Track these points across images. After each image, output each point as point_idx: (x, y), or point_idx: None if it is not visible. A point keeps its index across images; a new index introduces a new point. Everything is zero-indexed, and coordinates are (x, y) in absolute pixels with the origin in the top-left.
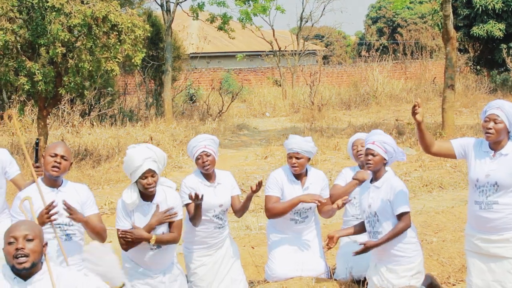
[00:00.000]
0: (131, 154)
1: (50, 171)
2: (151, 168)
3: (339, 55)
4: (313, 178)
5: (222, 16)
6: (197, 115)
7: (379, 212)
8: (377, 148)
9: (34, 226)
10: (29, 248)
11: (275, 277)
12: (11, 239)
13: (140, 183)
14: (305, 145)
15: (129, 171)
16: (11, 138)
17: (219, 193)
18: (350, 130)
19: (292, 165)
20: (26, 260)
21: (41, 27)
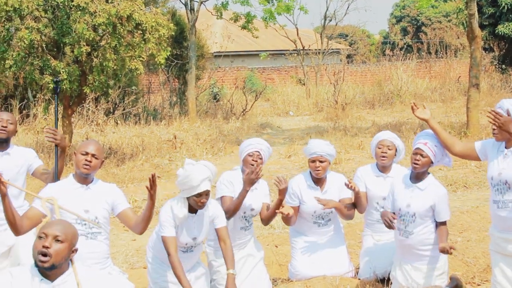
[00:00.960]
0: (190, 172)
1: (81, 169)
2: (207, 189)
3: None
4: (332, 182)
5: (245, 15)
6: (220, 114)
7: (418, 214)
8: (428, 150)
9: (68, 229)
10: (55, 249)
11: (298, 276)
12: (42, 235)
13: (194, 200)
14: (327, 148)
15: (184, 187)
16: (36, 136)
17: (254, 197)
18: (374, 129)
19: (316, 169)
20: (47, 260)
21: (66, 26)
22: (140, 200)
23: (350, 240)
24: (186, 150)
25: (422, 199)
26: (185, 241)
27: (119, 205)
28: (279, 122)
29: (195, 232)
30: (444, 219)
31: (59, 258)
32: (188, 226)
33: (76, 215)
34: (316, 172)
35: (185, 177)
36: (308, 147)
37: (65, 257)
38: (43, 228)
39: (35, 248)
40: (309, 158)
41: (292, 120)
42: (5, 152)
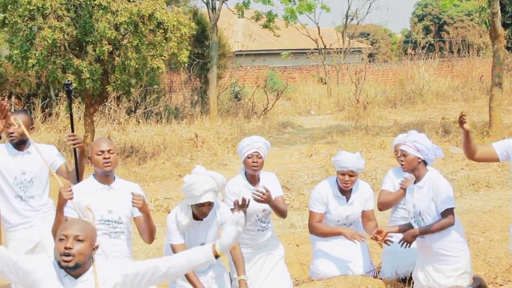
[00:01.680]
0: (194, 182)
1: (103, 168)
2: (210, 201)
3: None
4: (358, 192)
5: (267, 14)
6: (242, 113)
7: (423, 212)
8: (408, 148)
9: (87, 227)
10: (77, 249)
11: (320, 275)
12: (62, 236)
13: (196, 209)
14: (358, 162)
15: (187, 195)
16: (59, 135)
17: None
18: (396, 129)
19: (345, 183)
20: (70, 259)
21: (89, 25)
22: (162, 199)
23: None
24: (207, 149)
25: (423, 195)
26: (195, 245)
27: (137, 210)
28: (300, 121)
29: (202, 238)
30: (444, 208)
31: (82, 257)
32: (195, 232)
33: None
34: (344, 186)
35: (189, 185)
36: (338, 160)
37: (88, 255)
38: (62, 230)
39: (57, 250)
40: (339, 171)
41: (313, 119)
42: (26, 151)
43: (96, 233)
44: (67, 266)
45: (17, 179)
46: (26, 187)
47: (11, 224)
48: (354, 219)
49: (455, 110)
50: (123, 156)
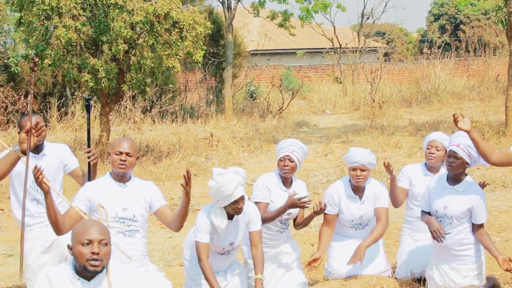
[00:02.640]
0: (222, 183)
1: (118, 169)
2: (242, 195)
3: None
4: (371, 191)
5: (282, 13)
6: (257, 112)
7: (455, 217)
8: (461, 151)
9: (106, 229)
10: (104, 252)
11: (335, 275)
12: (86, 241)
13: (231, 207)
14: (369, 157)
15: (218, 197)
16: (74, 134)
17: None
18: (411, 128)
19: (357, 178)
20: (99, 264)
21: (104, 24)
22: (177, 198)
23: (386, 239)
24: (222, 148)
25: (460, 201)
26: (222, 246)
27: (156, 202)
28: (316, 121)
29: (231, 237)
30: (482, 221)
31: (107, 259)
32: (224, 232)
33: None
34: (356, 181)
35: (218, 188)
36: (349, 156)
37: (110, 255)
38: (84, 234)
39: (83, 256)
40: (350, 167)
41: (328, 118)
42: (42, 154)
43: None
44: (95, 271)
45: (34, 182)
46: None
47: (26, 224)
48: (368, 218)
49: (471, 109)
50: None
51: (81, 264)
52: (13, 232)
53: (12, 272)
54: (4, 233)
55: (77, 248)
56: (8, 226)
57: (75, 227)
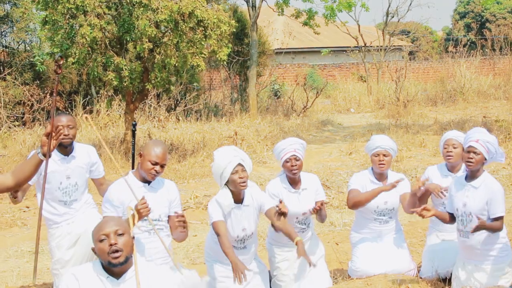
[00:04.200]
0: (218, 154)
1: (149, 177)
2: (240, 163)
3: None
4: (393, 179)
5: (307, 11)
6: (281, 110)
7: (474, 213)
8: (480, 147)
9: (122, 221)
10: (121, 242)
11: (359, 273)
12: (102, 236)
13: (232, 180)
14: (391, 142)
15: (219, 171)
16: (99, 132)
17: (303, 200)
18: (436, 127)
19: (380, 163)
20: (120, 254)
21: (129, 23)
22: (201, 196)
23: (412, 239)
24: (246, 146)
25: (477, 197)
26: (236, 234)
27: (174, 209)
28: (340, 119)
29: (243, 223)
30: (497, 215)
31: (128, 249)
32: (236, 218)
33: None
34: (379, 166)
35: (215, 164)
36: (371, 142)
37: (132, 246)
38: (99, 231)
39: (103, 251)
40: (373, 153)
41: (353, 117)
42: (72, 156)
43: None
44: (118, 262)
45: (63, 183)
46: (71, 192)
47: (54, 221)
48: (392, 205)
49: (497, 108)
50: None
51: (105, 260)
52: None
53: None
54: (30, 230)
55: (97, 247)
56: (34, 224)
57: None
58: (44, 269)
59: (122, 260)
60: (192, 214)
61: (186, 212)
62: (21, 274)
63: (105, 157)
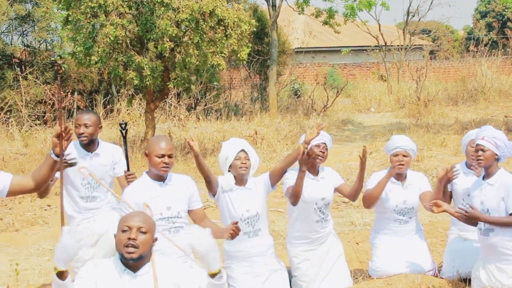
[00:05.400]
0: (223, 147)
1: (161, 171)
2: (244, 149)
3: (446, 50)
4: (412, 179)
5: (327, 10)
6: (301, 110)
7: (491, 210)
8: (487, 143)
9: (149, 219)
10: (141, 240)
11: (379, 273)
12: (125, 228)
13: (234, 165)
14: (411, 143)
15: (224, 157)
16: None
17: (321, 186)
18: (457, 126)
19: (399, 163)
20: (135, 251)
21: (150, 22)
22: None
23: (432, 238)
24: (267, 145)
25: (493, 193)
26: (240, 213)
27: (194, 203)
28: (361, 119)
29: (248, 204)
30: None
31: (145, 248)
32: (239, 198)
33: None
34: (399, 167)
35: (221, 154)
36: (391, 142)
37: (150, 247)
38: (125, 221)
39: (120, 241)
40: (392, 153)
41: (373, 116)
42: (95, 153)
43: (155, 226)
44: (131, 258)
45: (85, 180)
46: (93, 188)
47: (75, 218)
48: (412, 204)
49: None
50: (183, 153)
51: (120, 252)
52: (60, 228)
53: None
54: (51, 228)
55: (117, 236)
56: (55, 222)
57: (122, 217)
58: None
59: (135, 256)
60: (212, 213)
61: (206, 211)
62: (42, 272)
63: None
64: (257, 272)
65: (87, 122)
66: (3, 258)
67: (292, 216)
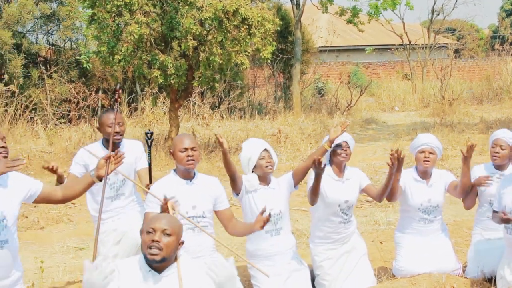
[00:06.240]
0: (246, 144)
1: (187, 166)
2: (266, 148)
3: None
4: (437, 177)
5: (351, 9)
6: (325, 108)
7: None
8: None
9: (175, 222)
10: (164, 242)
11: (403, 272)
12: (150, 229)
13: (259, 165)
14: (437, 142)
15: (247, 158)
16: (144, 129)
17: (346, 188)
18: (482, 126)
19: (425, 160)
20: (158, 253)
21: (174, 20)
22: None
23: (457, 238)
24: (290, 144)
25: None
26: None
27: (221, 204)
28: (384, 118)
29: (271, 202)
30: None
31: (169, 251)
32: (263, 197)
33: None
34: (424, 164)
35: (243, 152)
36: (417, 140)
37: (174, 250)
38: (150, 223)
39: (145, 243)
40: (418, 150)
41: (397, 115)
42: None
43: (182, 230)
44: (153, 260)
45: (111, 179)
46: (118, 187)
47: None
48: (437, 202)
49: None
50: (207, 151)
51: (144, 252)
52: (84, 226)
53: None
54: (76, 226)
55: (142, 237)
56: (80, 220)
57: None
58: None
59: (158, 259)
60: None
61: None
62: (67, 270)
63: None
64: (278, 271)
65: (120, 120)
66: (29, 255)
67: (315, 216)
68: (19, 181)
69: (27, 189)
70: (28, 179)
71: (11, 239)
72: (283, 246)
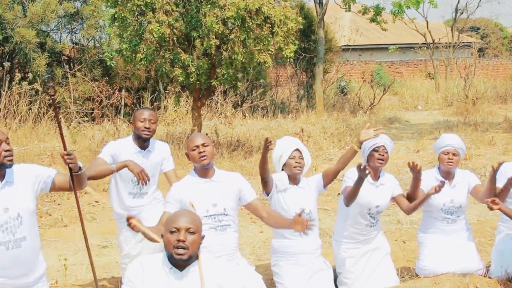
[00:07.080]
0: (280, 141)
1: (201, 162)
2: (298, 148)
3: (495, 48)
4: (460, 178)
5: (374, 7)
6: (348, 107)
7: None
8: None
9: (196, 219)
10: (190, 240)
11: (426, 271)
12: (173, 229)
13: (288, 164)
14: (461, 143)
15: (278, 155)
16: (167, 128)
17: (379, 193)
18: (506, 125)
19: (449, 161)
20: (185, 252)
21: (196, 19)
22: None
23: (480, 238)
24: (313, 143)
25: None
26: (294, 211)
27: (247, 196)
28: (408, 117)
29: (300, 203)
30: None
31: (195, 248)
32: (293, 197)
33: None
34: (448, 165)
35: (275, 149)
36: (441, 140)
37: (199, 246)
38: (173, 223)
39: (169, 243)
40: (442, 151)
41: (420, 114)
42: (148, 151)
43: (202, 224)
44: (180, 259)
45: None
46: (142, 185)
47: (122, 215)
48: (460, 203)
49: None
50: (229, 150)
51: (169, 252)
52: (107, 223)
53: (107, 263)
54: (99, 224)
55: (166, 236)
56: (103, 218)
57: (168, 216)
58: (113, 262)
59: (185, 258)
60: None
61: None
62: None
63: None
64: (303, 269)
65: (152, 118)
66: (52, 253)
67: (342, 214)
68: (27, 173)
69: (37, 178)
70: (36, 168)
71: (30, 235)
72: (310, 246)
